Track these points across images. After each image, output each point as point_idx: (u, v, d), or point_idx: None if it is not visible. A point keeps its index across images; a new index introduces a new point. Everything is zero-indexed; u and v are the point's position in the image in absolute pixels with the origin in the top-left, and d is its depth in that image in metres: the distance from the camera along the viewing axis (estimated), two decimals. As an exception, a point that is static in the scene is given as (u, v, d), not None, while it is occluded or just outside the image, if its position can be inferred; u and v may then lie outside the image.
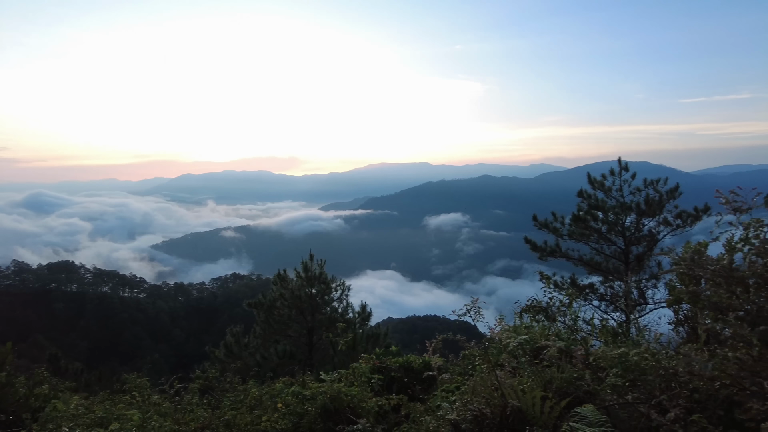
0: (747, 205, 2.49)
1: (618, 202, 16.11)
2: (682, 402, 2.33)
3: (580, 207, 16.51)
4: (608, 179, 16.33)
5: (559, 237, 16.74)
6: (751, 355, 2.17)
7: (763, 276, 2.26)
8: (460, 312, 3.65)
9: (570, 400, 2.93)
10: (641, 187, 15.99)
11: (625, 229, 16.18)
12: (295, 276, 16.71)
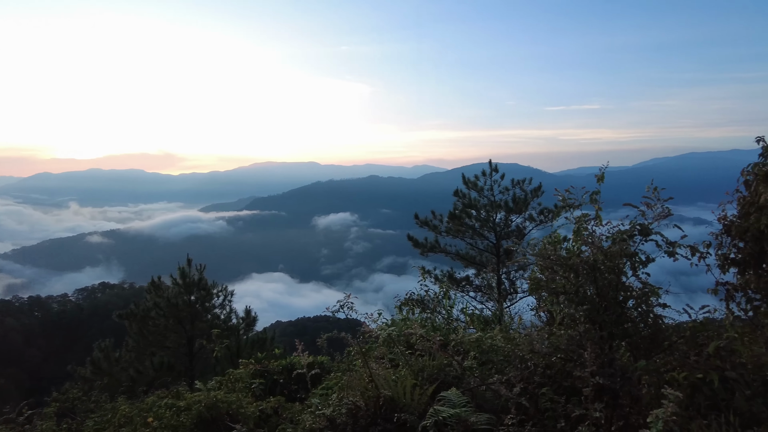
0: (578, 202, 2.87)
1: (489, 201, 17.49)
2: (533, 377, 2.65)
3: (455, 206, 17.70)
4: (480, 180, 17.67)
5: (438, 234, 17.82)
6: (578, 331, 2.51)
7: (588, 263, 2.62)
8: (333, 309, 3.71)
9: (438, 385, 3.16)
10: (509, 186, 17.53)
11: (495, 225, 17.59)
12: (172, 283, 15.72)
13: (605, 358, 2.41)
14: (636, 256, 2.92)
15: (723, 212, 4.26)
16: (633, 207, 3.06)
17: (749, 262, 4.29)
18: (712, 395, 2.27)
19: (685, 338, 2.71)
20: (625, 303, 2.69)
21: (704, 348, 2.83)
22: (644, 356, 2.61)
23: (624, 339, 2.67)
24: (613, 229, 3.17)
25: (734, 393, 2.23)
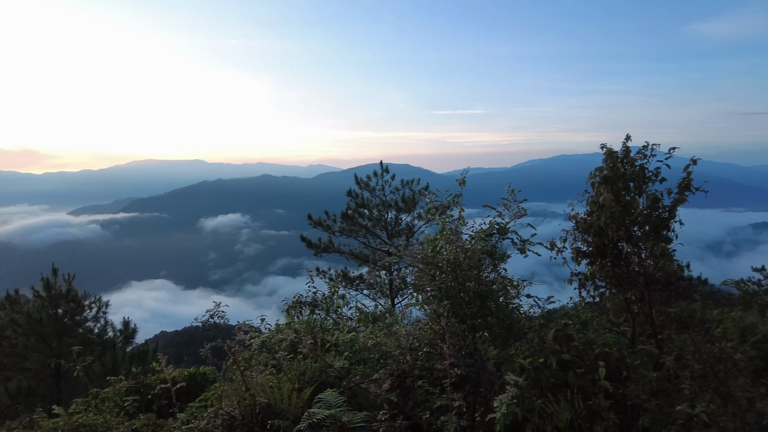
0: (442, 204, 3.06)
1: (381, 200, 17.92)
2: (404, 373, 2.78)
3: (349, 205, 17.92)
4: (372, 180, 18.06)
5: (332, 234, 17.90)
6: (441, 325, 2.67)
7: (449, 261, 2.81)
8: (202, 318, 3.56)
9: (318, 387, 3.18)
10: (399, 186, 18.13)
11: (387, 223, 18.06)
12: (33, 296, 13.97)
13: (466, 349, 2.60)
14: (495, 253, 3.18)
15: (572, 210, 4.80)
16: (491, 208, 3.33)
17: (596, 254, 4.88)
18: (552, 376, 2.55)
19: (535, 327, 3.02)
20: (486, 297, 2.92)
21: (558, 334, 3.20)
22: (502, 345, 2.86)
23: (485, 330, 2.91)
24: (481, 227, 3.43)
25: (569, 372, 2.53)
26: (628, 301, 4.71)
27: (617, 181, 4.47)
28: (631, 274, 4.50)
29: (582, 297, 4.95)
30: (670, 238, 4.39)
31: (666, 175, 4.69)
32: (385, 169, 17.94)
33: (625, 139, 4.89)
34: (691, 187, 4.34)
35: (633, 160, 4.72)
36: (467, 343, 2.67)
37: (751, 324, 6.00)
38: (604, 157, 4.69)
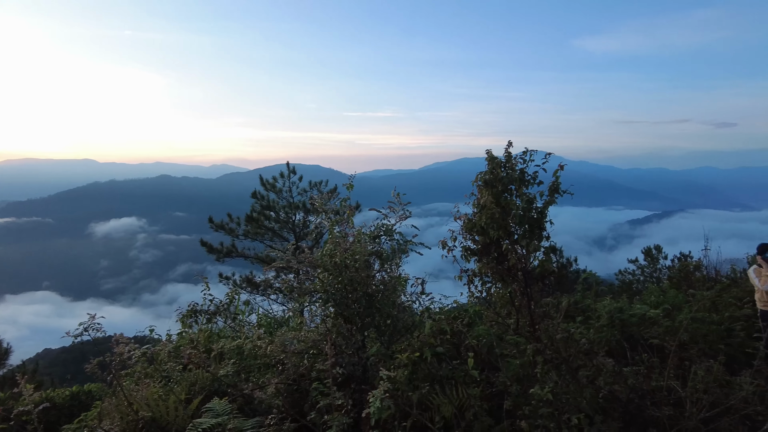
0: (332, 207, 3.14)
1: (288, 202, 17.68)
2: (290, 376, 2.81)
3: (254, 207, 17.48)
4: (279, 181, 17.78)
5: (236, 237, 17.35)
6: (327, 326, 2.74)
7: (336, 263, 2.89)
8: (74, 333, 3.32)
9: (207, 396, 3.11)
10: (307, 188, 18.01)
11: (295, 225, 17.85)
12: None
13: (353, 348, 2.70)
14: (383, 254, 3.32)
15: (458, 211, 5.13)
16: (377, 211, 3.47)
17: (482, 252, 5.25)
18: (428, 369, 2.73)
19: (417, 323, 3.20)
20: (373, 296, 3.05)
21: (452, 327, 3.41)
22: (388, 342, 3.01)
23: (372, 329, 3.03)
24: (371, 229, 3.56)
25: (443, 364, 2.72)
26: (512, 295, 5.12)
27: (497, 184, 4.85)
28: (511, 269, 4.91)
29: (471, 292, 5.29)
30: (544, 236, 4.84)
31: (548, 177, 5.17)
32: (293, 170, 17.72)
33: (507, 146, 5.30)
34: (559, 190, 4.82)
35: (514, 164, 5.14)
36: (354, 342, 2.76)
37: (617, 309, 6.78)
38: (486, 161, 5.06)
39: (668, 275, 13.11)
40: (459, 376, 2.62)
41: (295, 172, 17.76)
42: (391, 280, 3.23)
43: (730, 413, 3.38)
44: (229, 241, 16.97)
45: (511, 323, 4.93)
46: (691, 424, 3.13)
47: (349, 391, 2.64)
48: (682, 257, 15.51)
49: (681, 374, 4.12)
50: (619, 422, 2.67)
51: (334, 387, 2.57)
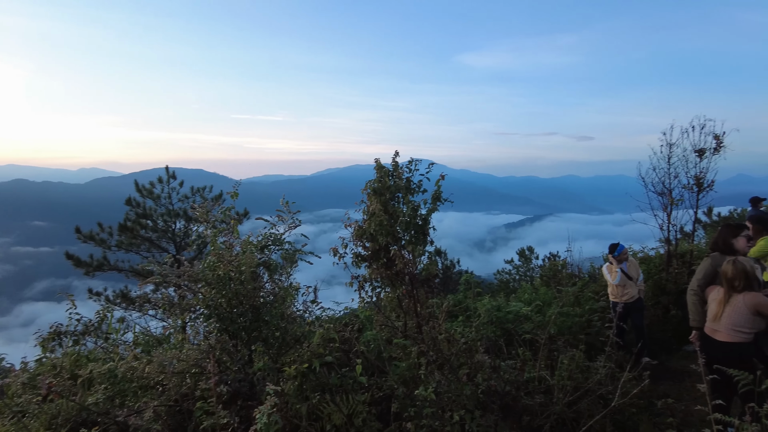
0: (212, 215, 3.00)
1: (168, 210, 16.51)
2: (171, 398, 2.63)
3: (128, 216, 16.07)
4: (157, 186, 16.54)
5: (107, 249, 15.83)
6: (210, 342, 2.63)
7: (219, 276, 2.78)
8: None
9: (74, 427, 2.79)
10: (189, 194, 16.96)
11: (175, 235, 16.71)
12: None
13: (239, 364, 2.60)
14: (270, 264, 3.25)
15: (347, 218, 5.21)
16: (264, 220, 3.40)
17: (372, 258, 5.37)
18: (317, 379, 2.73)
19: (305, 333, 3.18)
20: (260, 309, 2.97)
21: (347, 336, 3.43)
22: (276, 355, 2.95)
23: (259, 342, 2.95)
24: (258, 239, 3.46)
25: (332, 373, 2.74)
26: (400, 299, 5.30)
27: (385, 192, 5.01)
28: (399, 274, 5.10)
29: (362, 297, 5.38)
30: (428, 241, 5.10)
31: (432, 185, 5.44)
32: (172, 175, 16.61)
33: (394, 156, 5.50)
34: (441, 198, 5.11)
35: (401, 173, 5.35)
36: (239, 357, 2.66)
37: (495, 307, 7.31)
38: (375, 170, 5.22)
39: (540, 274, 14.38)
40: (348, 384, 2.65)
41: (176, 177, 16.68)
42: (280, 291, 3.17)
43: (588, 395, 3.82)
44: (100, 253, 15.44)
45: (399, 326, 5.09)
46: (558, 408, 3.48)
47: (236, 409, 2.53)
48: (551, 257, 17.19)
49: (550, 364, 4.56)
50: (497, 414, 2.88)
51: (219, 405, 2.45)
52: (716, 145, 8.30)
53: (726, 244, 4.63)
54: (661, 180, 8.68)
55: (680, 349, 7.56)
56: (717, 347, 4.13)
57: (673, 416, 4.17)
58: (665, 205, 8.72)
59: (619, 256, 7.18)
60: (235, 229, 3.34)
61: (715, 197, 8.86)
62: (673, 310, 7.86)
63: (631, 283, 7.08)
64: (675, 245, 8.99)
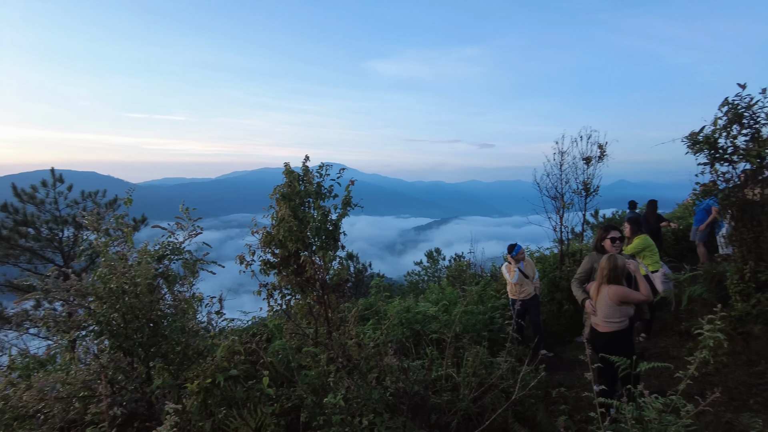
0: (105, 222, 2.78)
1: (53, 216, 14.99)
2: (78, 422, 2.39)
3: (4, 223, 14.36)
4: (41, 191, 14.96)
5: (-24, 261, 14.07)
6: (101, 361, 2.42)
7: (112, 290, 2.57)
8: None
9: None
10: (79, 199, 15.52)
11: (62, 244, 15.22)
12: None
13: (135, 383, 2.42)
14: (169, 275, 3.07)
15: (254, 224, 5.07)
16: (162, 228, 3.20)
17: (281, 265, 5.25)
18: (221, 394, 2.62)
19: (209, 346, 3.04)
20: (159, 323, 2.78)
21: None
22: (177, 371, 2.78)
23: (158, 358, 2.77)
24: (156, 248, 3.24)
25: (238, 386, 2.66)
26: (310, 306, 5.24)
27: (295, 197, 4.94)
28: (309, 280, 5.04)
29: (271, 306, 5.24)
30: (339, 246, 5.10)
31: (343, 190, 5.44)
32: (59, 178, 15.08)
33: (304, 160, 5.43)
34: (351, 203, 5.13)
35: (311, 178, 5.30)
36: (136, 376, 2.47)
37: (404, 309, 7.47)
38: (284, 175, 5.12)
39: (446, 274, 14.94)
40: (255, 396, 2.57)
41: (63, 180, 15.17)
42: (181, 303, 2.99)
43: (492, 389, 4.03)
44: (-32, 266, 13.66)
45: (310, 333, 5.03)
46: (464, 404, 3.64)
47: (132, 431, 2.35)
48: (456, 258, 17.94)
49: (456, 362, 4.75)
50: (406, 415, 2.95)
51: (113, 430, 2.25)
52: (600, 153, 9.18)
53: (601, 245, 5.26)
54: (554, 185, 9.43)
55: (572, 341, 8.24)
56: (599, 337, 4.58)
57: (566, 403, 4.53)
58: (558, 208, 9.49)
59: (516, 256, 7.66)
60: (130, 237, 3.10)
61: (600, 201, 9.80)
62: (566, 305, 8.53)
63: (528, 281, 7.58)
64: (567, 245, 9.79)
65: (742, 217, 5.87)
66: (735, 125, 5.68)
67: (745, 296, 5.68)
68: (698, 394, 2.77)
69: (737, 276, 5.79)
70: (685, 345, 6.30)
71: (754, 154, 5.60)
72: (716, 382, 5.18)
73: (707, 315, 3.19)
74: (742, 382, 5.21)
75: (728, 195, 5.90)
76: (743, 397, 4.90)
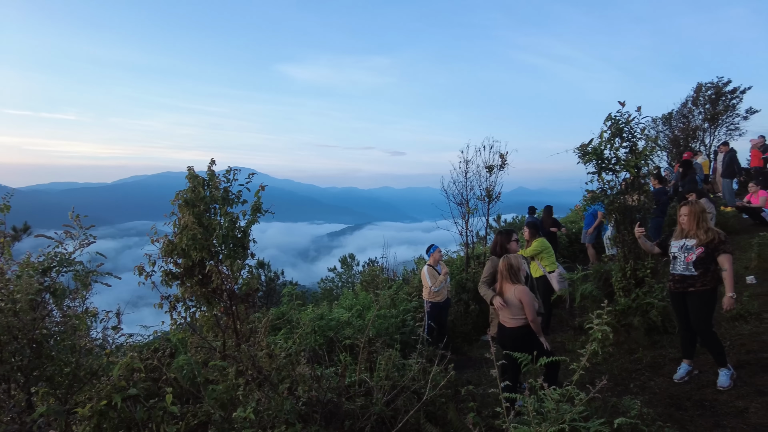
0: None
1: None
2: None
3: None
4: None
5: None
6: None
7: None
8: None
9: None
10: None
11: None
12: None
13: (14, 412, 2.14)
14: (57, 290, 2.77)
15: (155, 233, 4.75)
16: (48, 238, 2.90)
17: (185, 275, 4.97)
18: (118, 417, 2.42)
19: (104, 365, 2.79)
20: (45, 342, 2.50)
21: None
22: (67, 395, 2.51)
23: (42, 382, 2.47)
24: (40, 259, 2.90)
25: (138, 406, 2.46)
26: (217, 317, 5.01)
27: (199, 203, 4.70)
28: (216, 290, 4.81)
29: (174, 319, 4.93)
30: (248, 255, 4.94)
31: (252, 196, 5.25)
32: None
33: (210, 164, 5.19)
34: (261, 209, 4.99)
35: (217, 183, 5.07)
36: (13, 404, 2.18)
37: (318, 316, 7.40)
38: (188, 179, 4.86)
39: (360, 279, 15.03)
40: (158, 416, 2.39)
41: None
42: (71, 319, 2.71)
43: (404, 392, 4.10)
44: None
45: (218, 346, 4.80)
46: (378, 408, 3.66)
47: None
48: (370, 263, 18.11)
49: (370, 366, 4.77)
50: (320, 423, 2.91)
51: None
52: (502, 162, 9.77)
53: (502, 248, 5.56)
54: (460, 192, 9.88)
55: (479, 339, 8.64)
56: (506, 334, 4.85)
57: (474, 400, 4.73)
58: (463, 214, 9.95)
59: (433, 255, 7.90)
60: (7, 248, 2.75)
61: (502, 206, 10.42)
62: (472, 306, 8.92)
63: (445, 285, 7.85)
64: (472, 248, 10.28)
65: (623, 221, 6.52)
66: (617, 138, 6.32)
67: (627, 292, 6.32)
68: (589, 382, 3.02)
69: (620, 274, 6.42)
70: (579, 338, 6.86)
71: (632, 164, 6.25)
72: (604, 371, 5.70)
73: (596, 310, 3.49)
74: (624, 368, 5.77)
75: (612, 201, 6.53)
76: (625, 382, 5.43)
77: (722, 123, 19.83)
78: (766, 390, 4.56)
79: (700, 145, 19.57)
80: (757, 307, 6.39)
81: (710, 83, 20.22)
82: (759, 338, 5.70)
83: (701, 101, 20.14)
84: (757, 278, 7.84)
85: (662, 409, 4.55)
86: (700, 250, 4.75)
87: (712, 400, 4.60)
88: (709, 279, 4.74)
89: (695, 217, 4.86)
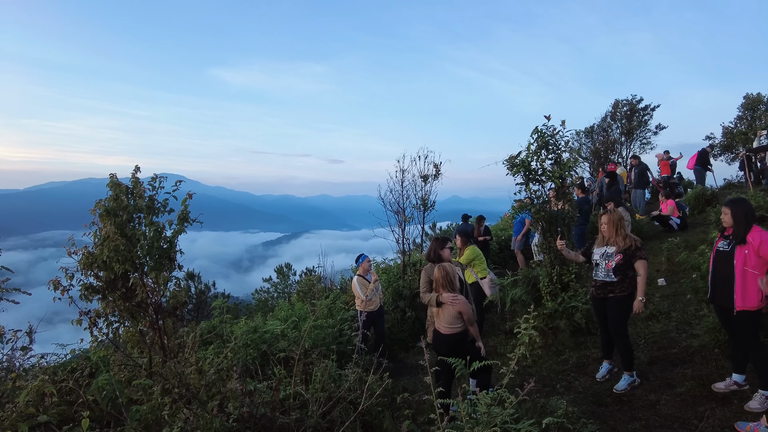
0: None
1: None
2: None
3: None
4: None
5: None
6: None
7: None
8: None
9: None
10: None
11: None
12: None
13: None
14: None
15: (71, 243, 4.44)
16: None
17: (107, 289, 4.67)
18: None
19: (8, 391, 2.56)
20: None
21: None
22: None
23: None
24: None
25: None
26: (143, 333, 4.74)
27: (122, 213, 4.45)
28: (141, 305, 4.56)
29: (94, 336, 4.61)
30: (175, 266, 4.72)
31: (194, 202, 5.01)
32: None
33: (134, 171, 4.94)
34: (188, 219, 4.80)
35: (142, 191, 4.82)
36: None
37: (251, 329, 7.18)
38: (109, 188, 4.58)
39: (297, 289, 14.76)
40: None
41: None
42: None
43: (340, 402, 4.06)
44: None
45: (144, 363, 4.54)
46: (313, 421, 3.61)
47: None
48: (307, 272, 17.84)
49: (306, 379, 4.69)
50: (252, 440, 2.82)
51: None
52: (436, 172, 10.01)
53: (436, 254, 5.66)
54: (396, 200, 10.00)
55: (415, 346, 8.74)
56: (441, 340, 4.93)
57: (410, 407, 4.77)
58: (400, 222, 10.08)
59: (362, 264, 7.92)
60: None
61: (436, 214, 10.67)
62: (408, 312, 9.03)
63: (376, 294, 7.87)
64: (409, 256, 10.42)
65: (549, 228, 6.87)
66: (543, 150, 6.66)
67: (553, 296, 6.65)
68: (519, 385, 3.14)
69: (547, 279, 6.75)
70: (509, 342, 7.12)
71: (557, 175, 6.62)
72: (533, 373, 5.95)
73: (524, 315, 3.65)
74: (552, 370, 6.05)
75: (539, 209, 6.86)
76: (553, 382, 5.69)
77: (636, 137, 21.55)
78: (674, 383, 4.96)
79: (618, 157, 21.12)
80: (667, 306, 6.95)
81: (626, 100, 21.94)
82: (668, 335, 6.18)
83: (618, 116, 21.79)
84: (667, 280, 8.51)
85: (586, 407, 4.82)
86: (618, 257, 5.09)
87: (629, 395, 4.93)
88: (626, 285, 5.09)
89: (614, 225, 5.21)
